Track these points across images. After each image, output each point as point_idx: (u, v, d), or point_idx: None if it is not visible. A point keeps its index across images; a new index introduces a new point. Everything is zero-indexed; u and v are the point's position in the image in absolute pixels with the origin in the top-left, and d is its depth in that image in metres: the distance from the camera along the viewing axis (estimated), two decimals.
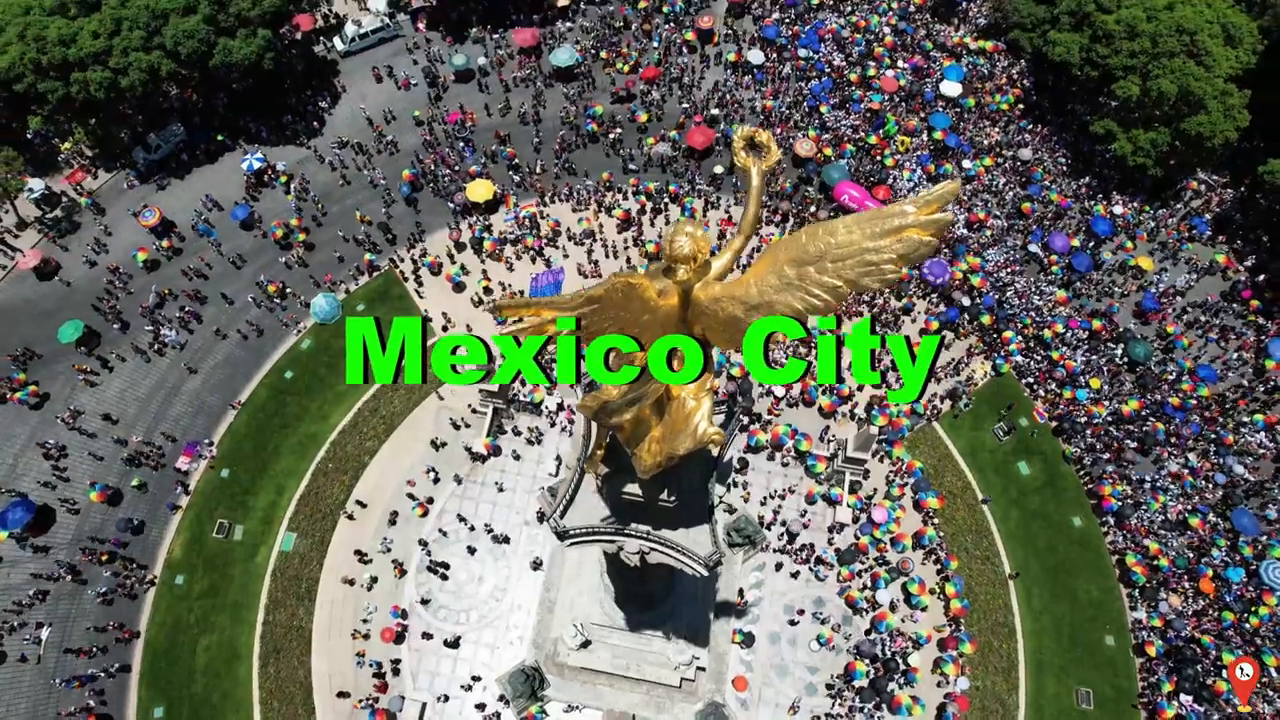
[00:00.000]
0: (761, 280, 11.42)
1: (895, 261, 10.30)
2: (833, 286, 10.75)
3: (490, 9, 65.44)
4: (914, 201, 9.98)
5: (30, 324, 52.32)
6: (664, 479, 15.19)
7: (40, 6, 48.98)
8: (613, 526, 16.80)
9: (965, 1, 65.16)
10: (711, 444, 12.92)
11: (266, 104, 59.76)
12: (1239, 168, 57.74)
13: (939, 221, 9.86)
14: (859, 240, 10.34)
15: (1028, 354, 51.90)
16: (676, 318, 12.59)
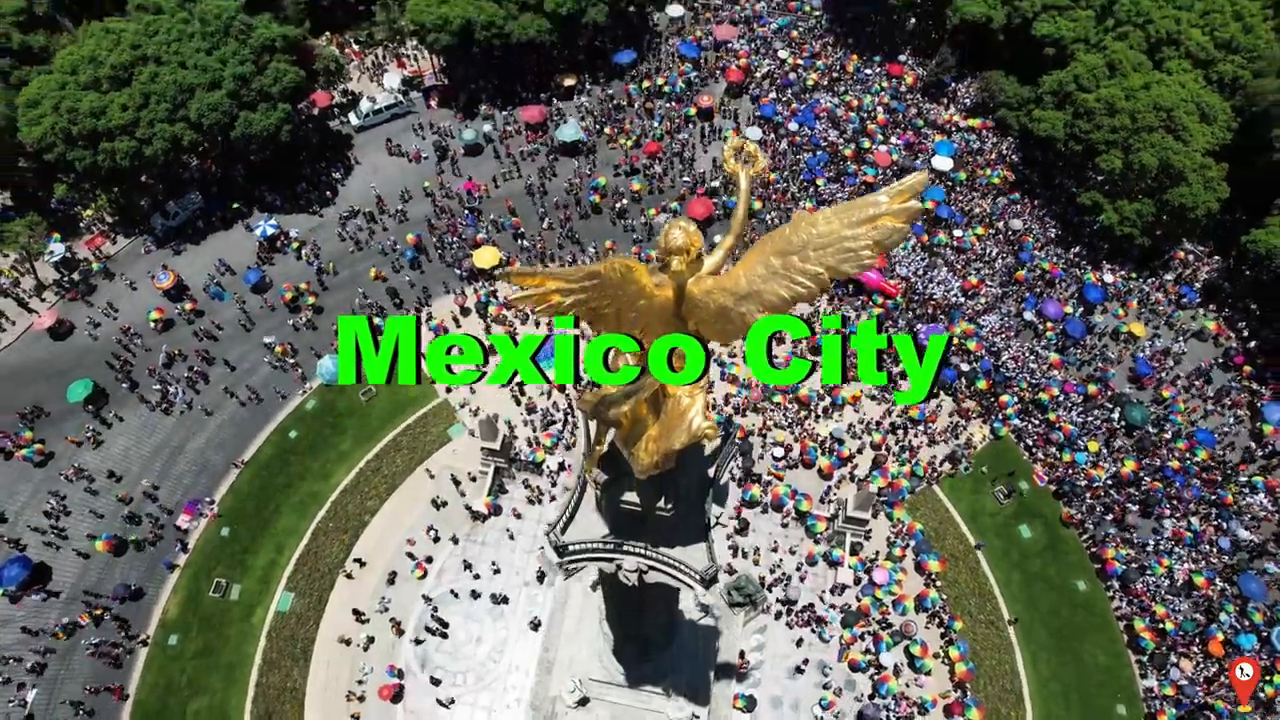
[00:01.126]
0: (750, 272, 12.29)
1: (871, 247, 11.14)
2: (815, 274, 11.63)
3: (499, 88, 68.56)
4: (887, 192, 10.97)
5: (42, 383, 53.14)
6: (661, 486, 15.63)
7: (76, 82, 51.54)
8: (611, 543, 17.15)
9: (953, 82, 68.20)
10: (706, 438, 13.51)
11: (282, 175, 62.09)
12: (1223, 239, 59.43)
13: (910, 209, 10.82)
14: (838, 229, 11.25)
15: (1025, 417, 52.38)
16: (671, 311, 13.38)
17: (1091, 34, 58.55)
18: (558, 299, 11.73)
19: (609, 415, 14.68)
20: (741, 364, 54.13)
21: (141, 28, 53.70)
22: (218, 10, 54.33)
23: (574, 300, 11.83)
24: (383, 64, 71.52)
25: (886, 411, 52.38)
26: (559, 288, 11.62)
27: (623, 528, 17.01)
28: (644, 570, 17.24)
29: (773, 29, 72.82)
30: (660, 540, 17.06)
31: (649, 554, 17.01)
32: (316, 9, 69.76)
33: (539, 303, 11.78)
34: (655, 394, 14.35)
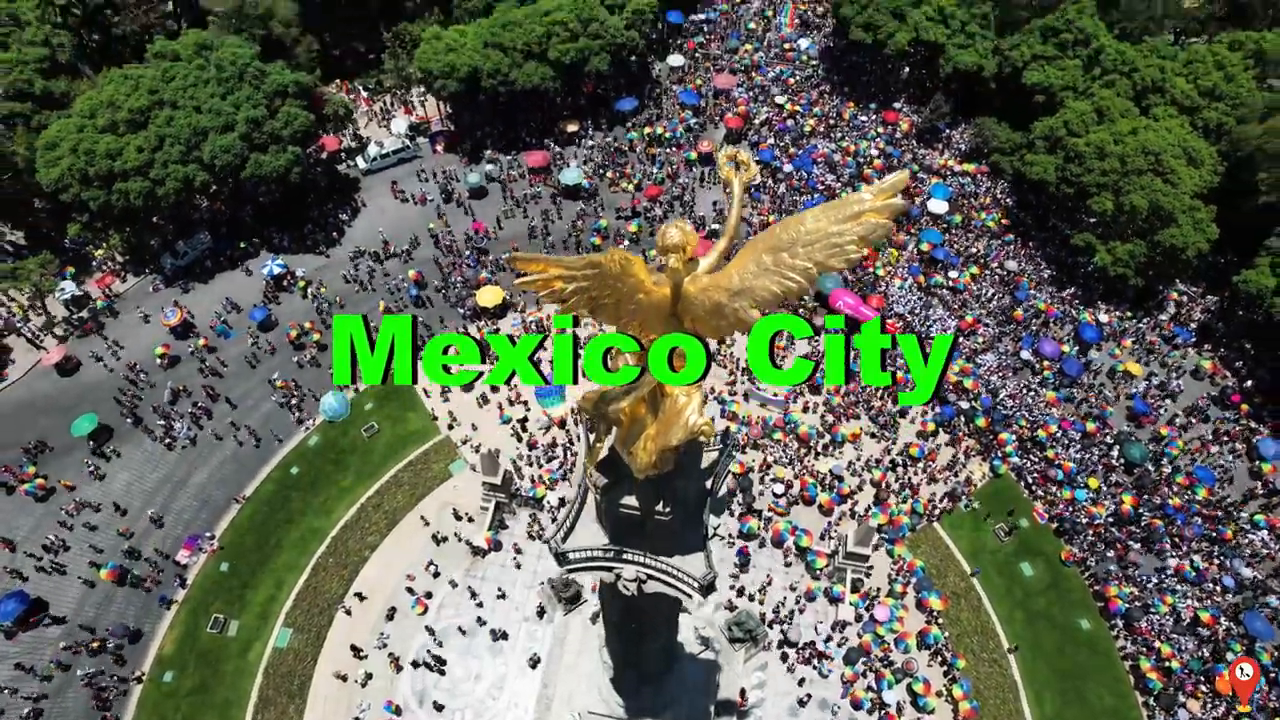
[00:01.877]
0: (743, 269, 12.94)
1: (857, 242, 11.73)
2: (804, 268, 12.24)
3: (504, 133, 70.32)
4: (871, 190, 11.61)
5: (47, 418, 53.51)
6: (659, 490, 15.97)
7: (94, 125, 53.05)
8: (610, 551, 17.41)
9: (947, 129, 69.92)
10: (702, 435, 13.93)
11: (289, 216, 63.35)
12: (1215, 280, 60.34)
13: (893, 206, 11.48)
14: (825, 226, 11.88)
15: (1024, 455, 52.60)
16: (667, 310, 13.94)
17: (1079, 82, 60.33)
18: (560, 285, 12.24)
19: (609, 411, 15.15)
20: (742, 401, 54.58)
21: (159, 74, 55.45)
22: (233, 57, 56.12)
23: (575, 287, 12.36)
24: (390, 110, 73.46)
25: (885, 450, 52.64)
26: (561, 274, 12.15)
27: (622, 537, 17.31)
28: (643, 579, 17.47)
29: (770, 77, 74.91)
30: (659, 550, 17.33)
31: (648, 561, 17.25)
32: (327, 57, 71.98)
33: (542, 288, 12.26)
34: (654, 393, 14.84)
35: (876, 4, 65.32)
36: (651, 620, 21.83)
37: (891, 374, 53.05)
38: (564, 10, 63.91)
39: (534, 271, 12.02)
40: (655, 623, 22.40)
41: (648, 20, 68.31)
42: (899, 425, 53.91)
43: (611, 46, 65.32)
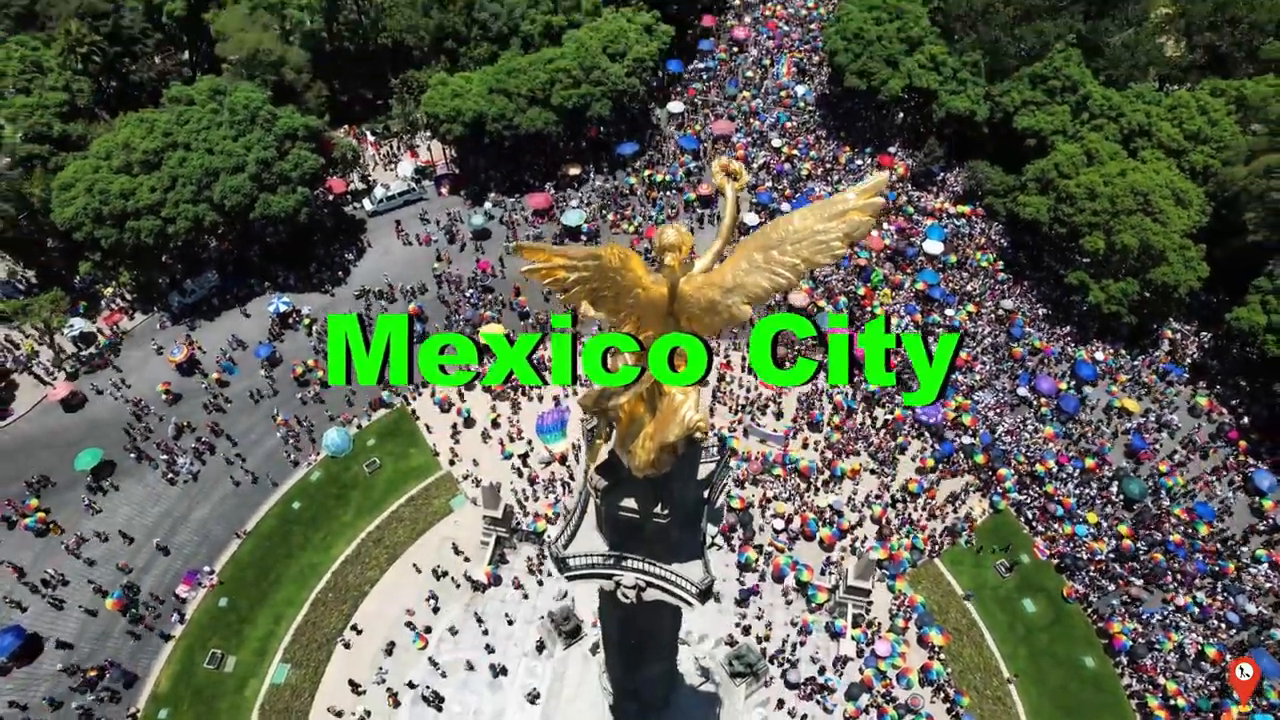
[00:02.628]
0: (735, 267, 13.76)
1: (841, 239, 12.54)
2: (793, 265, 13.05)
3: (507, 176, 71.89)
4: (854, 190, 12.42)
5: (51, 453, 53.82)
6: (657, 492, 16.40)
7: (109, 166, 54.47)
8: (610, 557, 17.72)
9: (941, 172, 71.46)
10: (699, 430, 14.46)
11: (296, 255, 64.46)
12: (1208, 318, 61.12)
13: (874, 204, 12.31)
14: (812, 225, 12.70)
15: (1023, 491, 52.75)
16: (664, 308, 14.61)
17: (1069, 126, 61.96)
18: (563, 274, 12.88)
19: (609, 407, 15.71)
20: (741, 437, 54.92)
21: (174, 117, 57.07)
22: (246, 100, 57.81)
23: (577, 277, 13.01)
24: (396, 154, 75.17)
25: (884, 486, 52.82)
26: (564, 264, 12.80)
27: (622, 546, 17.65)
28: (642, 587, 17.73)
29: (768, 124, 76.78)
30: (659, 558, 17.66)
31: (647, 568, 17.54)
32: (336, 103, 73.92)
33: (546, 276, 12.89)
34: (651, 392, 15.41)
35: (870, 52, 67.32)
36: (651, 637, 21.95)
37: (895, 375, 53.60)
38: (567, 58, 65.91)
39: (539, 261, 12.66)
40: (655, 640, 22.51)
41: (648, 68, 70.33)
42: (898, 461, 54.14)
43: (613, 93, 67.17)
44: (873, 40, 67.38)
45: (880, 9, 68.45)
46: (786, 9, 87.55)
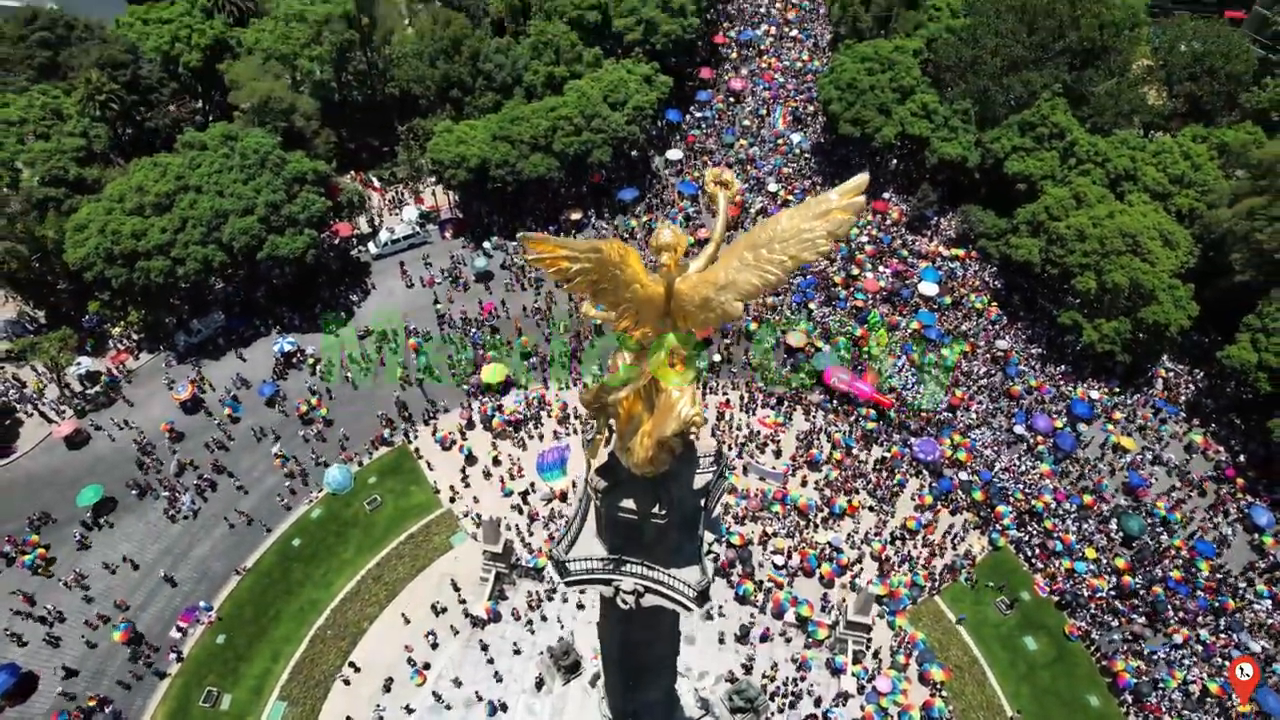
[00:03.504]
0: (727, 266, 14.63)
1: (826, 236, 13.48)
2: (781, 261, 13.93)
3: (510, 220, 73.43)
4: (836, 191, 13.33)
5: (53, 491, 54.10)
6: (655, 492, 16.97)
7: (122, 208, 55.88)
8: (610, 562, 18.14)
9: (935, 216, 73.06)
10: (694, 425, 15.15)
11: (301, 296, 65.58)
12: (1200, 358, 61.96)
13: (855, 204, 13.26)
14: (798, 224, 13.62)
15: (1022, 528, 52.90)
16: (661, 306, 15.43)
17: (1057, 171, 63.65)
18: (565, 264, 13.67)
19: (608, 402, 16.42)
20: (741, 474, 55.26)
21: (186, 162, 58.71)
22: (256, 145, 59.54)
23: (579, 268, 13.79)
24: (402, 199, 76.87)
25: (883, 523, 52.99)
26: (566, 255, 13.60)
27: (621, 551, 18.11)
28: (640, 592, 18.11)
29: (765, 170, 78.72)
30: (658, 563, 18.10)
31: (645, 572, 17.96)
32: (344, 150, 75.87)
33: (549, 266, 13.67)
34: (649, 390, 16.13)
35: (864, 101, 69.45)
36: (651, 653, 22.15)
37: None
38: (569, 106, 67.97)
39: (543, 251, 13.46)
40: (655, 658, 22.69)
41: (648, 116, 72.44)
42: (897, 498, 54.39)
43: (613, 140, 69.09)
44: (865, 89, 69.58)
45: (872, 60, 70.80)
46: (782, 61, 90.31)
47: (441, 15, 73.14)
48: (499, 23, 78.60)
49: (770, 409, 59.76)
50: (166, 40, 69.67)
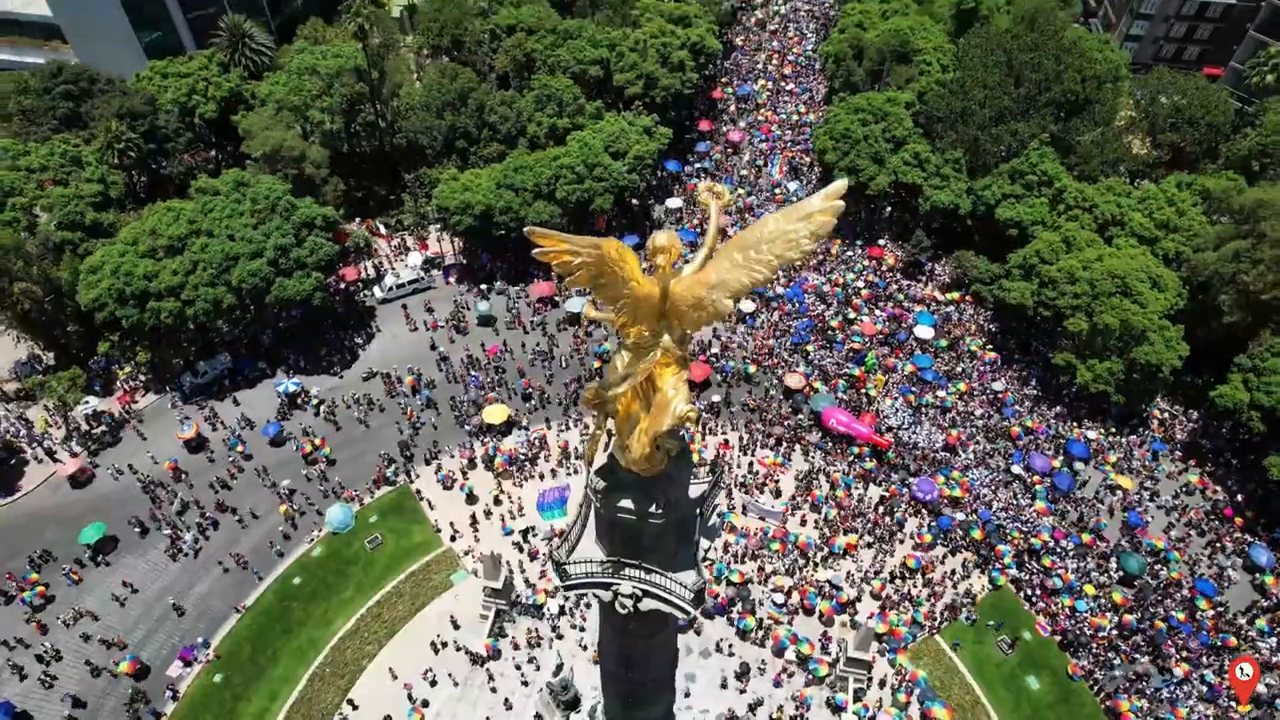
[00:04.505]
0: (719, 267, 15.76)
1: (809, 237, 14.62)
2: (768, 261, 15.05)
3: (513, 266, 74.96)
4: (818, 196, 14.49)
5: (55, 529, 54.32)
6: (651, 493, 17.67)
7: (135, 251, 57.34)
8: (609, 565, 18.65)
9: (929, 262, 74.59)
10: (688, 420, 16.04)
11: (307, 339, 66.64)
12: (1193, 399, 62.74)
13: (836, 208, 14.41)
14: (783, 226, 14.78)
15: (1022, 567, 52.96)
16: (657, 306, 16.47)
17: (1047, 217, 65.37)
18: (568, 258, 14.79)
19: (608, 397, 17.27)
20: (740, 513, 55.53)
21: (199, 207, 60.41)
22: (267, 191, 61.34)
23: (580, 263, 14.88)
24: (407, 245, 78.56)
25: (881, 561, 53.07)
26: (569, 249, 14.72)
27: (619, 554, 18.70)
28: (638, 596, 18.59)
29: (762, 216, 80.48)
30: (654, 570, 18.68)
31: (643, 576, 18.47)
32: (352, 197, 77.86)
33: (554, 259, 14.75)
34: (645, 389, 17.02)
35: (858, 150, 71.62)
36: (649, 667, 22.42)
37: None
38: (571, 156, 70.05)
39: (549, 245, 14.52)
40: (654, 674, 22.95)
41: (648, 166, 74.56)
42: (896, 537, 54.56)
43: (614, 188, 70.99)
44: (859, 139, 71.81)
45: (866, 111, 73.20)
46: (778, 114, 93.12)
47: (449, 69, 75.85)
48: (504, 77, 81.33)
49: (769, 449, 60.31)
50: (184, 93, 72.21)
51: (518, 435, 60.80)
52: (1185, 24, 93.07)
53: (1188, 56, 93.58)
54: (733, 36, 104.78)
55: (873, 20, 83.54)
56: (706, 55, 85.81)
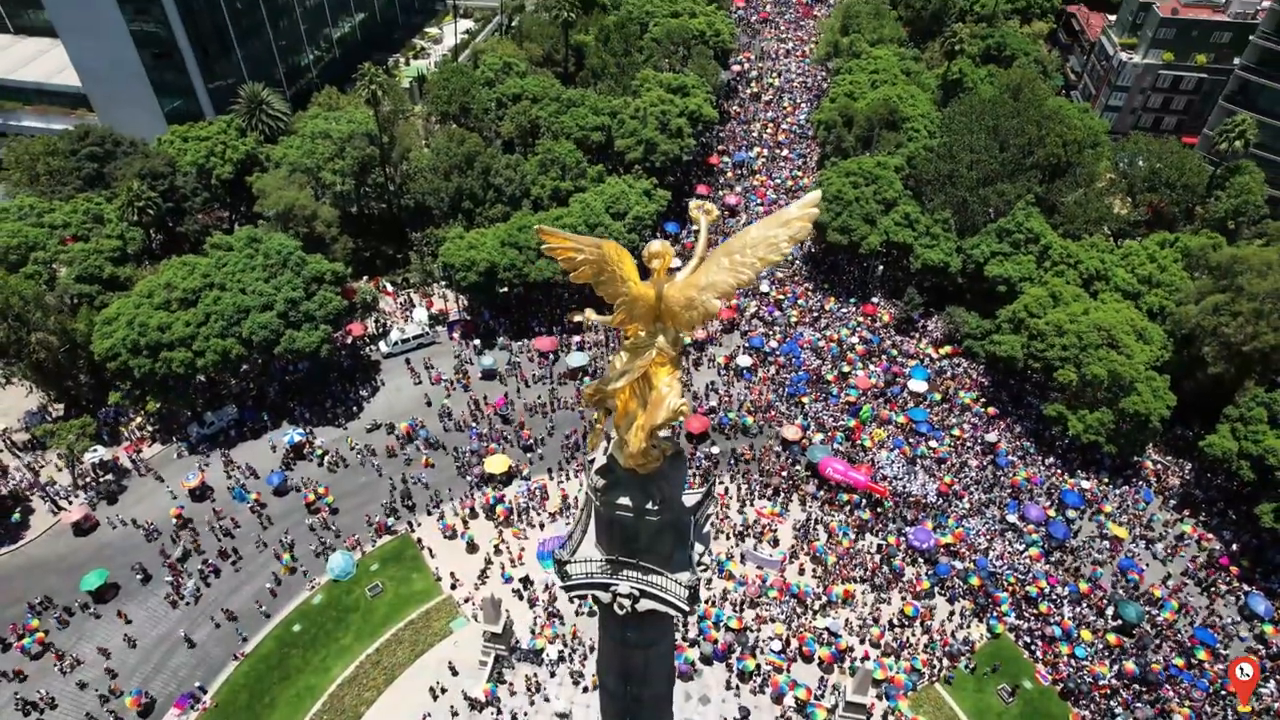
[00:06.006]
0: (708, 271, 17.40)
1: (787, 240, 16.33)
2: (751, 263, 16.69)
3: (516, 322, 76.83)
4: (796, 205, 16.21)
5: (57, 577, 54.62)
6: (648, 491, 18.78)
7: (150, 303, 59.20)
8: (607, 566, 19.57)
9: (921, 318, 76.48)
10: (682, 415, 17.34)
11: (312, 391, 67.95)
12: (1184, 450, 63.72)
13: (811, 214, 16.12)
14: (765, 233, 16.48)
15: (1020, 615, 53.09)
16: (652, 307, 18.03)
17: (1034, 274, 67.54)
18: (572, 254, 16.41)
19: (608, 392, 18.53)
20: (739, 562, 55.90)
21: (213, 262, 62.56)
22: (279, 247, 63.59)
23: (583, 258, 16.55)
24: (413, 301, 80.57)
25: (879, 609, 53.23)
26: (573, 247, 16.40)
27: (618, 553, 19.69)
28: (636, 596, 19.42)
29: (760, 276, 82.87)
30: (651, 570, 19.60)
31: (640, 576, 19.38)
32: (360, 256, 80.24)
33: (560, 254, 16.39)
34: (642, 387, 18.34)
35: (850, 211, 74.29)
36: (647, 682, 22.97)
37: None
38: (573, 216, 72.67)
39: (556, 242, 16.13)
40: (651, 688, 23.45)
41: (648, 226, 77.17)
42: (893, 585, 54.81)
43: None
44: (851, 201, 74.56)
45: (857, 175, 76.18)
46: (773, 179, 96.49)
47: (456, 134, 79.20)
48: (510, 142, 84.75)
49: (767, 499, 60.97)
50: (203, 155, 75.31)
51: (519, 485, 61.55)
52: (1161, 95, 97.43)
53: (1165, 126, 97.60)
54: (729, 107, 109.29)
55: (862, 90, 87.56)
56: (704, 123, 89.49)
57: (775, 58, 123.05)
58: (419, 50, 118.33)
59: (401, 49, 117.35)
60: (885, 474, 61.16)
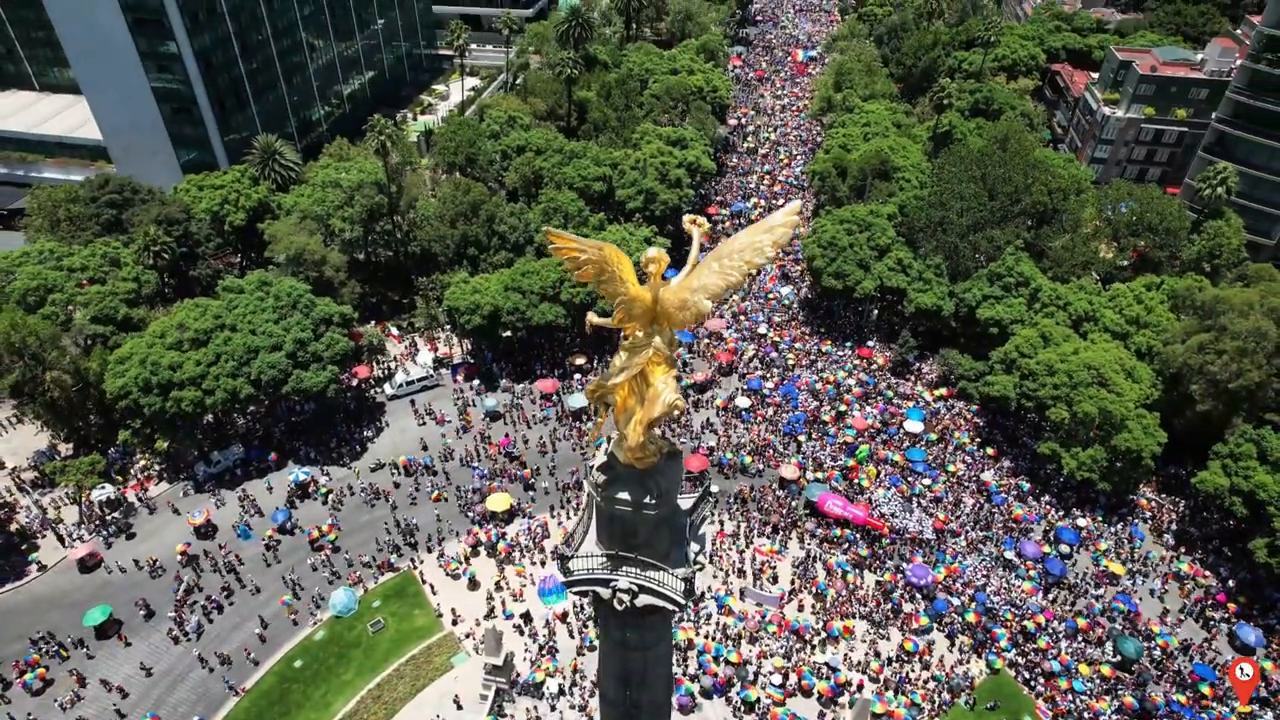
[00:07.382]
0: (700, 275, 19.00)
1: (771, 245, 18.06)
2: (739, 266, 18.33)
3: (519, 365, 78.31)
4: (780, 213, 17.91)
5: (60, 613, 55.01)
6: (646, 486, 19.91)
7: (162, 343, 60.82)
8: (607, 562, 20.58)
9: (916, 361, 77.95)
10: (677, 410, 18.64)
11: (317, 432, 69.06)
12: (1177, 488, 64.52)
13: (794, 221, 17.98)
14: (751, 239, 18.22)
15: (1019, 651, 53.26)
16: (649, 308, 19.47)
17: (1024, 316, 69.28)
18: (576, 253, 17.87)
19: (608, 387, 19.89)
20: (738, 598, 56.27)
21: (225, 304, 64.39)
22: (289, 290, 65.49)
23: (586, 259, 18.03)
24: (417, 345, 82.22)
25: (878, 644, 53.47)
26: (577, 247, 17.90)
27: (617, 548, 20.76)
28: (635, 591, 20.37)
29: (758, 321, 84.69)
30: (649, 568, 20.63)
31: (639, 572, 20.39)
32: (366, 301, 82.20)
33: (565, 255, 17.89)
34: (639, 385, 19.67)
35: (844, 257, 76.42)
36: (646, 687, 23.65)
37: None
38: None
39: (561, 244, 17.68)
40: (650, 695, 24.10)
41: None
42: (892, 621, 55.09)
43: None
44: (845, 247, 76.74)
45: (850, 222, 78.55)
46: None
47: (462, 184, 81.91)
48: (514, 192, 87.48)
49: (765, 538, 61.55)
50: (217, 202, 77.89)
51: (520, 522, 62.23)
52: (1144, 148, 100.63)
53: (1149, 178, 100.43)
54: (727, 160, 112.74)
55: (855, 142, 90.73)
56: (702, 174, 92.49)
57: (771, 113, 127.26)
58: (426, 106, 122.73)
59: (409, 105, 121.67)
60: (882, 511, 61.87)
